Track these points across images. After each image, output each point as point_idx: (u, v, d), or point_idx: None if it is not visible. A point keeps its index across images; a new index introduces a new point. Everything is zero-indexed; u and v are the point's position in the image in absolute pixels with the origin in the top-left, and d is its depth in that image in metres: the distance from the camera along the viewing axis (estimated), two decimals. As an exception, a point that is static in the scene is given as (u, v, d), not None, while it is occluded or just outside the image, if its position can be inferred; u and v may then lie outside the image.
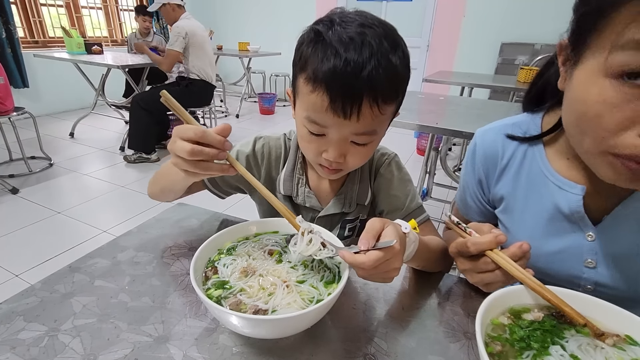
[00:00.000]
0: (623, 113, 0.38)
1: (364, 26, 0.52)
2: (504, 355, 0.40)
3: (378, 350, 0.48)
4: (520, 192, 0.64)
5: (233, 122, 4.53)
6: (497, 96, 3.85)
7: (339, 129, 0.56)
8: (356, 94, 0.51)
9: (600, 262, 0.57)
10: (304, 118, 0.57)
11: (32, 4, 4.19)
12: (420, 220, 0.72)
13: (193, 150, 0.47)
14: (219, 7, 5.92)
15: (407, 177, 0.75)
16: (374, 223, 0.46)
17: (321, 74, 0.51)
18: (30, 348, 0.46)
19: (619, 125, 0.39)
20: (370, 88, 0.51)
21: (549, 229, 0.61)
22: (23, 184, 2.59)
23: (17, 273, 1.74)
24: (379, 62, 0.50)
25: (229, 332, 0.50)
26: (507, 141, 0.65)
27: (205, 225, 0.75)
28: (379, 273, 0.45)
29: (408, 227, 0.50)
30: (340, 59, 0.50)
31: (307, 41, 0.55)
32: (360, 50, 0.50)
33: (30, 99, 4.15)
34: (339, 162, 0.59)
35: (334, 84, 0.51)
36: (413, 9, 4.51)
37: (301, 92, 0.57)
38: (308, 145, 0.61)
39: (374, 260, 0.43)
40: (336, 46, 0.51)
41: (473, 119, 1.63)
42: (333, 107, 0.52)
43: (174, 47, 2.96)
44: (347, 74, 0.50)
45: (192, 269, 0.48)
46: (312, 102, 0.54)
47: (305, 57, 0.55)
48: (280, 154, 0.76)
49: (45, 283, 0.57)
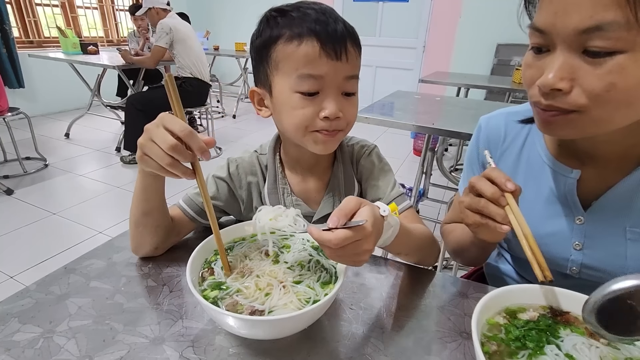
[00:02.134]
0: (530, 71, 0.48)
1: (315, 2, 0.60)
2: (499, 355, 0.41)
3: (375, 351, 0.48)
4: (519, 177, 0.66)
5: (230, 122, 4.53)
6: (493, 97, 3.86)
7: (334, 73, 0.57)
8: (341, 35, 0.57)
9: (587, 245, 0.60)
10: (295, 79, 0.57)
11: (27, 3, 4.16)
12: (402, 208, 0.71)
13: (175, 147, 0.46)
14: (216, 8, 5.91)
15: (388, 167, 0.75)
16: (349, 201, 0.45)
17: (305, 26, 0.56)
18: (25, 350, 0.45)
19: (530, 81, 0.49)
20: (348, 32, 0.58)
21: (543, 213, 0.63)
22: (18, 185, 2.57)
23: (12, 274, 1.73)
24: (336, 16, 0.59)
25: (225, 333, 0.50)
26: (510, 126, 0.68)
27: (201, 226, 0.74)
28: (347, 254, 0.43)
29: (387, 210, 0.48)
30: (316, 12, 0.57)
31: (269, 20, 0.60)
32: (320, 6, 0.59)
33: (25, 99, 4.12)
34: (338, 117, 0.59)
35: (321, 30, 0.56)
36: (409, 10, 4.52)
37: (284, 58, 0.57)
38: (302, 112, 0.59)
39: (341, 239, 0.41)
40: (302, 7, 0.58)
41: (469, 119, 1.63)
42: (325, 50, 0.55)
43: (159, 43, 2.99)
44: (328, 21, 0.56)
45: (189, 270, 0.48)
46: (303, 53, 0.56)
47: (277, 29, 0.58)
48: (255, 171, 0.74)
49: (40, 284, 0.57)
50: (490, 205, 0.50)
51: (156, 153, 0.47)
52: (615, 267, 0.59)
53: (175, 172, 0.48)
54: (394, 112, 1.75)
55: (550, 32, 0.43)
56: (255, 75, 0.65)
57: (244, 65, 4.88)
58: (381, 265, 0.66)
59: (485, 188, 0.50)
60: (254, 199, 0.74)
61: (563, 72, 0.43)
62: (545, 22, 0.44)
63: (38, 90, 4.29)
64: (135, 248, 0.64)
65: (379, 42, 4.70)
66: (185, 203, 0.68)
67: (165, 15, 3.10)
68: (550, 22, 0.43)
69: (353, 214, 0.44)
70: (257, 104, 0.67)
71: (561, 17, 0.41)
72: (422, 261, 0.68)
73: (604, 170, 0.57)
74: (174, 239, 0.68)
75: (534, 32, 0.46)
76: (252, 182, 0.74)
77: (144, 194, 0.59)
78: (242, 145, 3.70)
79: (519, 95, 3.16)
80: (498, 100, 3.35)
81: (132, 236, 0.63)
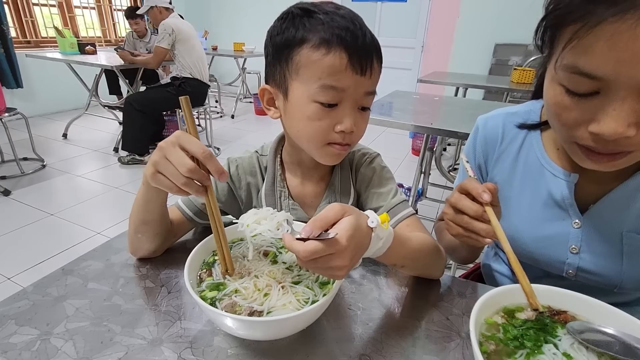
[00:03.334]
0: (573, 115, 0.45)
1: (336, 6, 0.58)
2: (498, 355, 0.41)
3: (373, 351, 0.48)
4: (517, 180, 0.66)
5: (228, 122, 4.52)
6: (491, 96, 3.87)
7: (355, 87, 0.56)
8: (368, 49, 0.55)
9: (583, 249, 0.60)
10: (317, 88, 0.55)
11: (25, 3, 4.14)
12: (403, 216, 0.67)
13: (193, 170, 0.45)
14: (214, 8, 5.89)
15: (389, 175, 0.73)
16: (329, 210, 0.41)
17: (335, 35, 0.53)
18: (22, 352, 0.45)
19: (573, 123, 0.46)
20: (374, 45, 0.56)
21: (541, 216, 0.63)
22: (15, 186, 2.55)
23: (9, 276, 1.72)
24: (364, 25, 0.56)
25: (223, 334, 0.49)
26: (508, 127, 0.68)
27: (199, 227, 0.74)
28: (318, 268, 0.41)
29: (375, 221, 0.43)
30: (345, 20, 0.54)
31: (294, 18, 0.56)
32: (349, 15, 0.56)
33: (22, 99, 4.10)
34: (351, 132, 0.58)
35: (351, 41, 0.53)
36: (408, 10, 4.52)
37: (308, 64, 0.55)
38: (318, 124, 0.58)
39: (309, 251, 0.38)
40: (330, 12, 0.55)
41: (467, 119, 1.64)
42: (352, 63, 0.54)
43: (161, 44, 2.99)
44: (357, 33, 0.54)
45: (187, 271, 0.48)
46: (329, 64, 0.54)
47: (303, 30, 0.55)
48: (255, 172, 0.73)
49: (37, 286, 0.56)
50: (474, 221, 0.49)
51: (172, 173, 0.46)
52: (612, 271, 0.59)
53: (190, 191, 0.47)
54: (393, 112, 1.75)
55: (609, 79, 0.40)
56: (270, 72, 0.62)
57: (243, 65, 4.87)
58: (379, 266, 0.66)
59: (466, 207, 0.50)
60: (254, 199, 0.74)
61: (630, 119, 0.41)
62: (604, 69, 0.39)
63: (35, 90, 4.27)
64: (133, 251, 0.64)
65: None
66: (184, 204, 0.68)
67: (167, 14, 3.09)
68: (612, 70, 0.39)
69: (334, 224, 0.41)
70: (267, 103, 0.64)
71: (628, 67, 0.38)
72: (424, 273, 0.62)
73: (602, 175, 0.57)
74: (172, 241, 0.68)
75: (580, 78, 0.42)
76: (252, 182, 0.73)
77: (146, 205, 0.58)
78: (240, 145, 3.69)
79: (517, 95, 3.17)
80: (496, 100, 3.36)
81: (130, 240, 0.63)
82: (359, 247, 0.42)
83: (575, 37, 0.40)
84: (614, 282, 0.60)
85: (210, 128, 3.53)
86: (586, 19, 0.39)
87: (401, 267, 0.58)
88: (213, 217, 0.50)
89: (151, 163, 0.48)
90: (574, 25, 0.40)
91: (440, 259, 0.62)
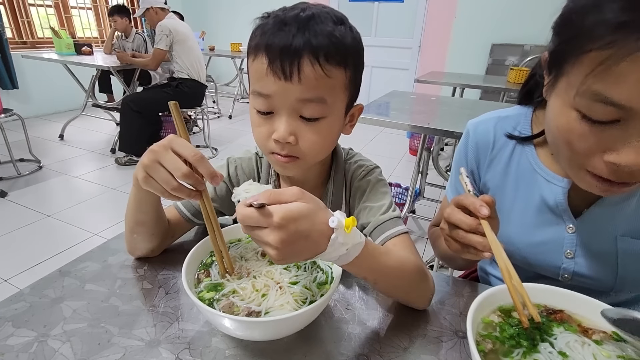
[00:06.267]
0: (588, 143, 0.44)
1: (310, 6, 0.53)
2: (495, 353, 0.41)
3: (371, 351, 0.48)
4: (509, 185, 0.66)
5: (226, 123, 4.51)
6: (488, 96, 3.88)
7: (282, 94, 0.51)
8: (294, 51, 0.49)
9: (578, 253, 0.60)
10: (251, 96, 0.55)
11: (21, 4, 4.12)
12: (392, 234, 0.61)
13: (187, 175, 0.45)
14: (211, 8, 5.88)
15: (384, 189, 0.68)
16: (288, 189, 0.40)
17: (262, 40, 0.51)
18: (19, 354, 0.45)
19: (587, 151, 0.45)
20: (310, 46, 0.49)
21: (534, 221, 0.63)
22: (12, 187, 2.54)
23: (6, 278, 1.71)
24: (321, 20, 0.51)
25: (221, 335, 0.50)
26: (500, 132, 0.67)
27: (197, 227, 0.74)
28: (255, 239, 0.40)
29: (336, 222, 0.39)
30: (277, 20, 0.51)
31: (256, 28, 0.54)
32: (300, 14, 0.51)
33: (18, 100, 4.08)
34: (289, 142, 0.54)
35: (272, 44, 0.50)
36: (404, 10, 4.53)
37: (249, 71, 0.55)
38: (258, 130, 0.56)
39: (241, 214, 0.38)
40: (278, 14, 0.52)
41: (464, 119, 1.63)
42: (272, 67, 0.50)
43: (159, 46, 2.98)
44: (285, 33, 0.49)
45: (184, 272, 0.48)
46: (254, 70, 0.53)
47: (252, 38, 0.54)
48: (254, 174, 0.73)
49: (34, 288, 0.56)
50: (468, 234, 0.48)
51: (163, 177, 0.46)
52: (607, 274, 0.59)
53: (181, 196, 0.47)
54: (390, 112, 1.76)
55: (634, 108, 0.38)
56: None
57: (240, 65, 4.87)
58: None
59: (461, 221, 0.48)
60: None
61: None
62: (637, 100, 0.38)
63: (32, 91, 4.25)
64: (130, 250, 0.64)
65: (375, 42, 4.70)
66: (182, 204, 0.68)
67: (164, 15, 3.09)
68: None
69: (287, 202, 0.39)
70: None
71: None
72: (404, 298, 0.56)
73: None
74: (170, 241, 0.68)
75: (604, 106, 0.40)
76: None
77: (139, 206, 0.58)
78: (238, 145, 3.69)
79: (514, 95, 3.18)
80: (493, 100, 3.36)
81: (127, 240, 0.63)
82: (302, 237, 0.38)
83: (604, 65, 0.39)
84: (610, 285, 0.60)
85: (208, 129, 3.52)
86: (615, 46, 0.37)
87: (374, 284, 0.52)
88: (209, 220, 0.50)
89: (142, 166, 0.47)
90: (598, 53, 0.39)
91: (425, 285, 0.55)
